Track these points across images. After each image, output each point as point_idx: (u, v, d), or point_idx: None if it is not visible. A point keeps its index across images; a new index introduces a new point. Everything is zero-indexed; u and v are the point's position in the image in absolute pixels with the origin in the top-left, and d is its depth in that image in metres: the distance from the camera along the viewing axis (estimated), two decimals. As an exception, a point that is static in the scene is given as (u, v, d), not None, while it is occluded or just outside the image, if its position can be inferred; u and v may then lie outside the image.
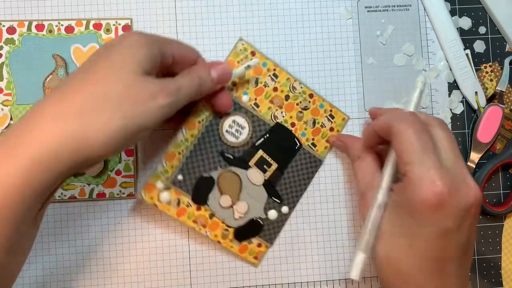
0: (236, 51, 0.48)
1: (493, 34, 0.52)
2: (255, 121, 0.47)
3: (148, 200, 0.45)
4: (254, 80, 0.48)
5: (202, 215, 0.47)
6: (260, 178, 0.47)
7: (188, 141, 0.46)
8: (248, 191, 0.47)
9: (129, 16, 0.49)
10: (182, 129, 0.46)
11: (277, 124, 0.48)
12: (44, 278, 0.47)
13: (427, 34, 0.51)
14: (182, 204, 0.46)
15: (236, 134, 0.47)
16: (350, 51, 0.51)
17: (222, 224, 0.47)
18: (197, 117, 0.46)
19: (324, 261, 0.49)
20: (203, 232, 0.47)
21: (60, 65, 0.48)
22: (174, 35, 0.49)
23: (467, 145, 0.51)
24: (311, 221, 0.50)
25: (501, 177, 0.52)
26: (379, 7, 0.51)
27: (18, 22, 0.48)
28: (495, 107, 0.50)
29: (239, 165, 0.47)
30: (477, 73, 0.51)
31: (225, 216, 0.47)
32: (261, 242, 0.48)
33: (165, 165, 0.46)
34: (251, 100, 0.47)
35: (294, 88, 0.48)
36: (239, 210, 0.47)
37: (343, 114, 0.49)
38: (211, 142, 0.47)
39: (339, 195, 0.50)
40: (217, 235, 0.47)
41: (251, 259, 0.48)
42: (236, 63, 0.48)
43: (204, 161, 0.46)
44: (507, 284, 0.51)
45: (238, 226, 0.47)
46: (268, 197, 0.48)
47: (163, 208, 0.46)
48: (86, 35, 0.49)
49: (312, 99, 0.49)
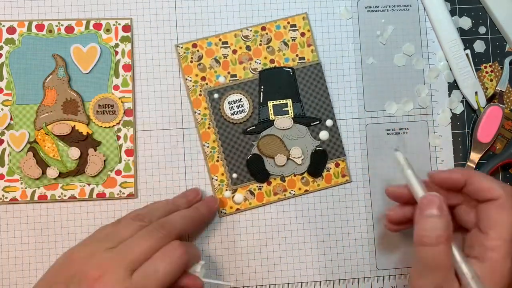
0: (183, 57, 0.49)
1: (493, 34, 0.52)
2: (245, 87, 0.49)
3: (230, 211, 0.48)
4: (213, 61, 0.49)
5: (276, 184, 0.49)
6: (287, 120, 0.49)
7: (215, 148, 0.48)
8: (289, 137, 0.49)
9: (129, 16, 0.49)
10: (204, 144, 0.48)
11: (261, 73, 0.49)
12: (44, 278, 0.48)
13: (427, 34, 0.51)
14: (255, 191, 0.49)
15: (240, 109, 0.49)
16: (350, 51, 0.51)
17: (295, 177, 0.49)
18: (204, 126, 0.48)
19: (324, 261, 0.49)
20: (289, 195, 0.49)
21: (60, 65, 0.48)
22: (174, 35, 0.49)
23: (467, 145, 0.51)
24: (311, 221, 0.50)
25: (501, 177, 0.52)
26: (379, 7, 0.51)
27: (18, 22, 0.48)
28: (495, 107, 0.50)
29: (264, 127, 0.49)
30: (477, 73, 0.51)
31: (291, 170, 0.49)
32: (336, 161, 0.50)
33: (217, 178, 0.48)
34: (227, 77, 0.49)
35: (246, 36, 0.49)
36: (296, 156, 0.49)
37: (300, 15, 0.50)
38: (230, 132, 0.49)
39: (339, 195, 0.50)
40: (301, 188, 0.49)
41: (341, 180, 0.50)
42: (191, 66, 0.49)
43: (238, 149, 0.49)
44: (507, 284, 0.51)
45: (308, 167, 0.49)
46: (307, 127, 0.49)
47: (245, 207, 0.49)
48: (86, 35, 0.49)
49: (266, 30, 0.49)
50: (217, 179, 0.49)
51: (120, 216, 0.48)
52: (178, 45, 0.49)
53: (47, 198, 0.48)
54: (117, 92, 0.49)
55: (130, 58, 0.49)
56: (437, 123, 0.51)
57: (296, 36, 0.50)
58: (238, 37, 0.49)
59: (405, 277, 0.50)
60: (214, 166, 0.49)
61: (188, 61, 0.49)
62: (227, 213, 0.49)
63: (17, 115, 0.48)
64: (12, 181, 0.48)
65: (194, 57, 0.49)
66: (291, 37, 0.50)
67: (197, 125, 0.49)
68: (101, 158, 0.48)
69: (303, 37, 0.50)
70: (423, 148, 0.51)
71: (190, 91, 0.49)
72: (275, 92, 0.49)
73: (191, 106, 0.49)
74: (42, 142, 0.48)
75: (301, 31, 0.50)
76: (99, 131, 0.48)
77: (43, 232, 0.48)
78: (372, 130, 0.51)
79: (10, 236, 0.48)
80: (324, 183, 0.49)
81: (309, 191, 0.49)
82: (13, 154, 0.48)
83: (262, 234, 0.49)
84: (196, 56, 0.49)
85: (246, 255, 0.49)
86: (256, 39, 0.49)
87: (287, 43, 0.50)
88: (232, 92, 0.49)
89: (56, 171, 0.47)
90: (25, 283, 0.47)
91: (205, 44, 0.49)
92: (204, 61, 0.49)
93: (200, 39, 0.49)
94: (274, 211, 0.49)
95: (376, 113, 0.51)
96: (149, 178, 0.49)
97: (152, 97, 0.49)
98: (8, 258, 0.48)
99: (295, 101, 0.49)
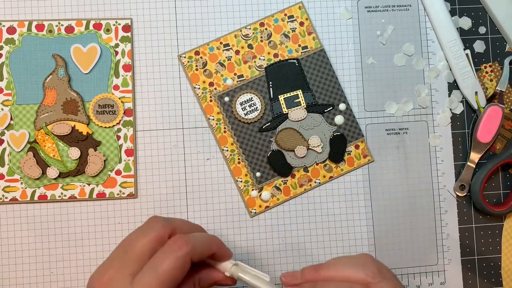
0: (187, 66, 0.49)
1: (493, 34, 0.52)
2: (254, 86, 0.49)
3: (259, 210, 0.49)
4: (218, 65, 0.49)
5: (300, 176, 0.49)
6: (301, 111, 0.49)
7: (234, 150, 0.49)
8: (305, 128, 0.49)
9: (129, 16, 0.49)
10: (222, 148, 0.49)
11: (267, 69, 0.49)
12: (44, 278, 0.48)
13: (427, 34, 0.51)
14: (281, 186, 0.49)
15: (253, 108, 0.49)
16: (350, 51, 0.51)
17: (317, 165, 0.49)
18: (220, 131, 0.49)
19: (325, 261, 0.49)
20: (314, 184, 0.49)
21: (60, 65, 0.48)
22: (174, 35, 0.49)
23: (467, 145, 0.51)
24: (311, 221, 0.50)
25: (501, 177, 0.52)
26: (379, 7, 0.51)
27: (18, 22, 0.48)
28: (495, 107, 0.50)
29: (279, 121, 0.49)
30: (477, 73, 0.51)
31: (313, 159, 0.49)
32: (355, 143, 0.50)
33: (241, 179, 0.49)
34: (234, 78, 0.49)
35: (246, 35, 0.49)
36: (315, 145, 0.49)
37: (296, 5, 0.50)
38: (246, 132, 0.49)
39: (339, 195, 0.50)
40: (325, 175, 0.49)
41: (363, 161, 0.50)
42: (197, 74, 0.49)
43: (257, 148, 0.49)
44: (507, 284, 0.51)
45: (329, 154, 0.50)
46: (321, 114, 0.50)
47: (274, 203, 0.49)
48: (86, 35, 0.49)
49: (265, 25, 0.50)
50: (241, 181, 0.49)
51: (120, 216, 0.48)
52: (181, 55, 0.49)
53: (47, 198, 0.48)
54: (117, 92, 0.49)
55: (130, 58, 0.49)
56: (437, 123, 0.51)
57: (296, 27, 0.50)
58: (238, 37, 0.49)
59: (405, 277, 0.50)
60: (236, 169, 0.49)
61: (194, 70, 0.49)
62: (257, 212, 0.49)
63: (17, 115, 0.48)
64: (12, 181, 0.48)
65: (199, 64, 0.49)
66: (290, 28, 0.50)
67: (213, 131, 0.49)
68: (101, 158, 0.48)
69: (303, 26, 0.50)
70: (423, 148, 0.51)
71: (200, 98, 0.49)
72: (284, 85, 0.49)
73: (203, 113, 0.49)
74: (42, 142, 0.48)
75: (300, 20, 0.50)
76: (99, 131, 0.48)
77: (43, 232, 0.48)
78: (372, 130, 0.51)
79: (10, 236, 0.48)
80: (347, 167, 0.50)
81: (333, 177, 0.50)
82: (13, 154, 0.48)
83: (262, 234, 0.49)
84: (200, 63, 0.49)
85: (246, 255, 0.49)
86: (256, 36, 0.49)
87: (288, 35, 0.50)
88: (241, 92, 0.49)
89: (56, 171, 0.47)
90: (25, 283, 0.48)
91: (207, 50, 0.49)
92: (209, 67, 0.49)
93: (202, 46, 0.49)
94: (273, 211, 0.50)
95: (376, 113, 0.51)
96: (149, 178, 0.49)
97: (152, 97, 0.49)
98: (8, 258, 0.48)
99: (305, 91, 0.50)
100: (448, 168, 0.51)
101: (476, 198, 0.50)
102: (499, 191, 0.52)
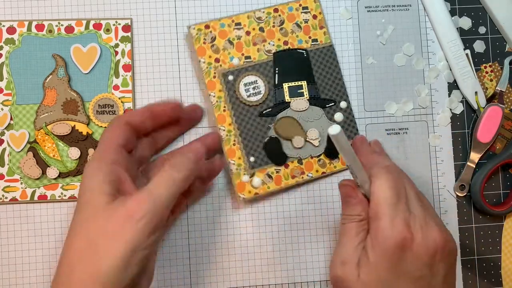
0: (195, 38, 0.48)
1: (493, 34, 0.52)
2: (260, 69, 0.49)
3: (248, 196, 0.48)
4: (227, 42, 0.48)
5: (294, 167, 0.49)
6: (303, 102, 0.49)
7: (231, 131, 0.48)
8: (305, 120, 0.49)
9: (129, 16, 0.49)
10: (219, 127, 0.48)
11: (275, 55, 0.49)
12: (44, 278, 0.48)
13: (427, 34, 0.51)
14: (273, 174, 0.48)
15: (256, 91, 0.48)
16: (350, 51, 0.51)
17: (313, 159, 0.49)
18: (219, 109, 0.48)
19: (324, 261, 0.49)
20: (306, 177, 0.49)
21: (60, 65, 0.48)
22: (174, 35, 0.49)
23: (467, 145, 0.51)
24: (311, 221, 0.50)
25: (501, 177, 0.52)
26: (379, 7, 0.51)
27: (18, 22, 0.48)
28: (495, 107, 0.50)
29: (280, 108, 0.49)
30: (477, 73, 0.51)
31: (309, 152, 0.49)
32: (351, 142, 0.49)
33: (234, 162, 0.48)
34: (241, 58, 0.49)
35: (260, 18, 0.49)
36: (313, 138, 0.49)
37: None
38: (246, 115, 0.48)
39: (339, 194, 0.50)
40: (318, 170, 0.49)
41: None
42: (205, 48, 0.48)
43: (255, 132, 0.48)
44: (507, 284, 0.51)
45: (325, 148, 0.49)
46: (323, 109, 0.49)
47: (264, 191, 0.48)
48: (86, 35, 0.49)
49: (278, 12, 0.49)
50: (234, 163, 0.48)
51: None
52: (191, 26, 0.48)
53: (47, 198, 0.48)
54: (117, 92, 0.49)
55: (130, 58, 0.49)
56: (437, 123, 0.51)
57: (309, 18, 0.50)
58: (251, 18, 0.49)
59: (405, 277, 0.50)
60: (231, 150, 0.48)
61: (201, 42, 0.48)
62: (246, 198, 0.48)
63: (17, 115, 0.48)
64: (12, 181, 0.48)
65: (207, 38, 0.48)
66: (303, 19, 0.50)
67: (212, 108, 0.48)
68: (101, 158, 0.48)
69: (315, 19, 0.50)
70: (423, 148, 0.51)
71: (204, 73, 0.48)
72: (290, 74, 0.49)
73: (205, 88, 0.48)
74: (42, 142, 0.48)
75: (313, 13, 0.50)
76: (99, 131, 0.48)
77: (43, 232, 0.48)
78: (372, 130, 0.51)
79: (10, 236, 0.48)
80: (340, 165, 0.49)
81: (326, 173, 0.49)
82: (13, 154, 0.48)
83: (262, 234, 0.49)
84: (209, 38, 0.48)
85: (246, 255, 0.49)
86: (269, 20, 0.49)
87: (300, 25, 0.50)
88: (247, 73, 0.48)
89: (56, 171, 0.47)
90: (25, 283, 0.48)
91: (218, 25, 0.49)
92: (217, 43, 0.48)
93: (213, 20, 0.48)
94: (273, 211, 0.50)
95: (376, 113, 0.51)
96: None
97: (152, 97, 0.49)
98: (8, 258, 0.48)
99: (310, 82, 0.49)
100: (448, 168, 0.51)
101: (476, 198, 0.50)
102: (499, 191, 0.52)
